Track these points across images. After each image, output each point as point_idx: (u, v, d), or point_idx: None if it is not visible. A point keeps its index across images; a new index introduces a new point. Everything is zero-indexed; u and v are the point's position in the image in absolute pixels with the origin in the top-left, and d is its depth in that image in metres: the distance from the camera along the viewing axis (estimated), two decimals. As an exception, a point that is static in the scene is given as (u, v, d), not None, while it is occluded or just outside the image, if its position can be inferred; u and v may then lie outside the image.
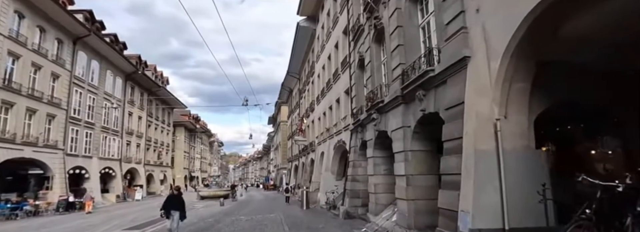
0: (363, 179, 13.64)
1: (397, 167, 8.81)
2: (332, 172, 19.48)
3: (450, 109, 6.27)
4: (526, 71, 5.40)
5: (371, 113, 10.57)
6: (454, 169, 5.81)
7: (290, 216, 16.34)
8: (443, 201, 6.06)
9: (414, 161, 8.31)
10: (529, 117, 5.60)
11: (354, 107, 14.48)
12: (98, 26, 31.26)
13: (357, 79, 14.43)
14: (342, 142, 17.17)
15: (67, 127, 26.48)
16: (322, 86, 23.12)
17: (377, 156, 11.30)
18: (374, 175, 11.36)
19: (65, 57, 26.41)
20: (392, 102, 9.08)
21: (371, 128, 11.36)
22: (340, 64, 18.12)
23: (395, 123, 9.03)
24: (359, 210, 13.57)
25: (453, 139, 5.99)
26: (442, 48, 6.86)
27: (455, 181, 5.72)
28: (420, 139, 8.36)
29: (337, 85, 18.82)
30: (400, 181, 8.60)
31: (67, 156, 26.43)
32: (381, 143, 11.01)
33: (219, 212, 20.21)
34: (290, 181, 38.63)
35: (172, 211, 9.89)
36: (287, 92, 43.65)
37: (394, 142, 9.13)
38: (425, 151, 8.38)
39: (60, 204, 21.51)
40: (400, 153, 8.63)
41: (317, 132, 25.55)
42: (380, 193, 11.27)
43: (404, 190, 8.32)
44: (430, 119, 7.74)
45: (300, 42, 28.40)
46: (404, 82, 8.29)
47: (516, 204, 5.07)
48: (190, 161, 66.10)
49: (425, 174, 8.29)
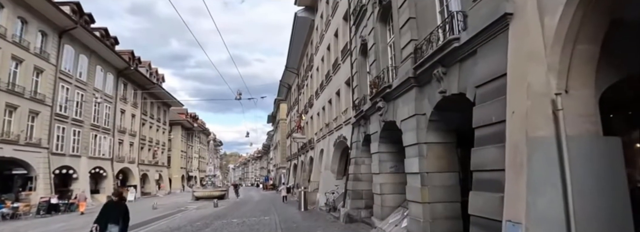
0: (366, 178, 12.19)
1: (409, 164, 7.35)
2: (332, 171, 18.01)
3: (483, 86, 4.80)
4: (595, 30, 3.92)
5: (376, 101, 9.09)
6: (492, 164, 4.36)
7: (286, 219, 14.90)
8: (476, 206, 4.59)
9: (431, 155, 6.84)
10: (595, 93, 4.13)
11: (356, 98, 13.02)
12: (87, 19, 29.82)
13: (359, 67, 12.98)
14: (343, 137, 15.71)
15: (52, 125, 25.02)
16: (321, 79, 21.65)
17: (382, 151, 9.83)
18: (380, 173, 9.90)
19: (50, 51, 24.95)
20: (403, 85, 7.60)
21: (376, 119, 9.89)
22: (340, 53, 16.66)
23: (406, 111, 7.57)
24: (362, 213, 12.11)
25: (489, 125, 4.53)
26: (469, 10, 5.39)
27: (494, 180, 4.26)
28: (437, 129, 6.89)
29: (337, 76, 17.36)
30: (413, 180, 7.14)
31: (53, 155, 25.02)
32: (388, 136, 9.55)
33: (210, 214, 18.78)
34: (290, 180, 37.18)
35: (109, 225, 7.19)
36: (286, 89, 42.20)
37: (404, 134, 7.66)
38: (444, 143, 6.92)
39: (41, 207, 20.05)
40: (413, 146, 7.17)
41: (316, 128, 24.09)
42: (386, 194, 9.81)
43: (418, 191, 6.86)
44: (451, 104, 6.28)
45: (299, 34, 26.96)
46: (417, 61, 6.82)
47: (588, 211, 3.61)
48: (188, 160, 64.67)
49: (444, 172, 6.84)
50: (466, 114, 6.65)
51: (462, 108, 6.48)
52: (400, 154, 9.73)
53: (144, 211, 22.10)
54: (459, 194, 6.87)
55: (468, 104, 5.70)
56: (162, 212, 20.94)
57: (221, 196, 33.25)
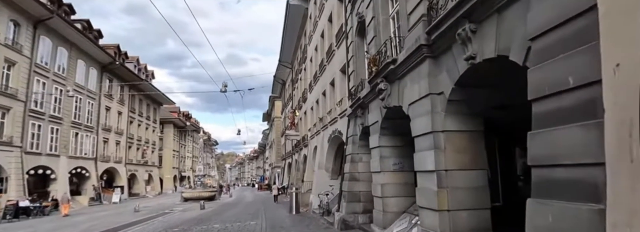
0: (365, 178, 10.49)
1: (421, 160, 5.65)
2: (327, 170, 16.29)
3: (546, 35, 3.08)
4: None
5: (376, 83, 7.34)
6: (573, 155, 2.65)
7: (274, 224, 13.19)
8: (541, 223, 2.88)
9: (450, 147, 5.14)
10: None
11: (352, 87, 11.31)
12: (66, 10, 27.97)
13: (356, 50, 11.26)
14: (338, 132, 14.00)
15: (25, 122, 23.19)
16: (314, 70, 19.93)
17: (384, 145, 8.11)
18: (381, 172, 8.18)
19: (23, 42, 23.12)
20: (411, 58, 5.87)
21: (376, 107, 8.17)
22: (334, 39, 14.94)
23: (416, 91, 5.85)
24: (360, 218, 10.40)
25: (563, 92, 2.82)
26: None
27: (579, 181, 2.56)
28: (459, 113, 5.19)
29: (332, 65, 15.64)
30: (427, 181, 5.44)
31: (27, 155, 23.21)
32: (391, 127, 7.84)
33: (194, 218, 17.05)
34: (284, 180, 35.46)
35: None
36: (281, 85, 40.44)
37: (413, 121, 5.95)
38: (468, 131, 5.22)
39: (8, 210, 18.24)
40: (426, 137, 5.47)
41: (309, 124, 22.36)
42: (389, 197, 8.10)
43: (433, 195, 5.16)
44: (481, 75, 4.58)
45: (291, 24, 25.23)
46: (432, 22, 5.11)
47: None
48: (181, 160, 62.84)
49: (468, 169, 5.15)
50: (500, 89, 4.97)
51: (494, 81, 4.79)
52: (406, 148, 8.03)
53: (123, 214, 20.36)
54: (488, 198, 5.18)
55: (508, 71, 4.01)
56: (143, 215, 19.18)
57: (211, 197, 31.52)
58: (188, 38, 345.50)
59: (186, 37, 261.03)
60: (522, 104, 3.56)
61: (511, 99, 4.97)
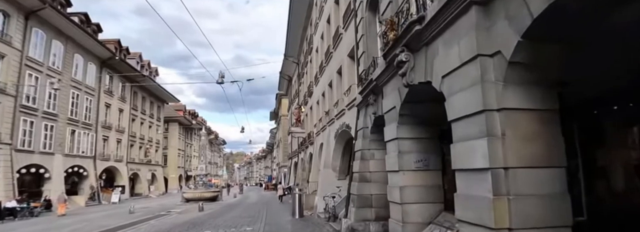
0: (377, 179, 8.75)
1: (464, 152, 3.89)
2: (334, 169, 14.56)
3: None
4: None
5: (395, 55, 5.59)
6: None
7: (273, 230, 11.55)
8: None
9: (512, 134, 3.38)
10: None
11: (362, 71, 9.56)
12: (62, 1, 26.70)
13: (367, 28, 9.52)
14: (346, 126, 12.27)
15: (16, 118, 21.94)
16: (320, 60, 18.24)
17: (404, 136, 6.34)
18: (399, 171, 6.43)
19: (13, 34, 21.87)
20: (448, 7, 4.10)
21: (393, 88, 6.42)
22: (341, 20, 13.22)
23: (455, 54, 4.08)
24: (372, 227, 8.66)
25: None
26: None
27: None
28: (524, 84, 3.43)
29: (339, 50, 13.92)
30: (474, 183, 3.69)
31: (18, 152, 21.97)
32: (413, 113, 6.09)
33: (189, 221, 15.50)
34: (290, 180, 33.84)
35: None
36: (287, 81, 38.82)
37: (451, 98, 4.19)
38: (541, 111, 3.46)
39: (-9, 212, 16.96)
40: (473, 118, 3.71)
41: (315, 119, 20.66)
42: (410, 203, 6.36)
43: (488, 205, 3.41)
44: (569, 22, 2.83)
45: (296, 13, 23.61)
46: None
47: None
48: (187, 159, 61.71)
49: (540, 167, 3.39)
50: (592, 46, 3.20)
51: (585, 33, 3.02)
52: (432, 141, 6.29)
53: (116, 216, 18.94)
54: (569, 210, 3.42)
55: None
56: (136, 217, 17.74)
57: (213, 197, 30.04)
58: (196, 39, 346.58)
59: (195, 38, 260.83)
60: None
61: (603, 63, 3.23)
